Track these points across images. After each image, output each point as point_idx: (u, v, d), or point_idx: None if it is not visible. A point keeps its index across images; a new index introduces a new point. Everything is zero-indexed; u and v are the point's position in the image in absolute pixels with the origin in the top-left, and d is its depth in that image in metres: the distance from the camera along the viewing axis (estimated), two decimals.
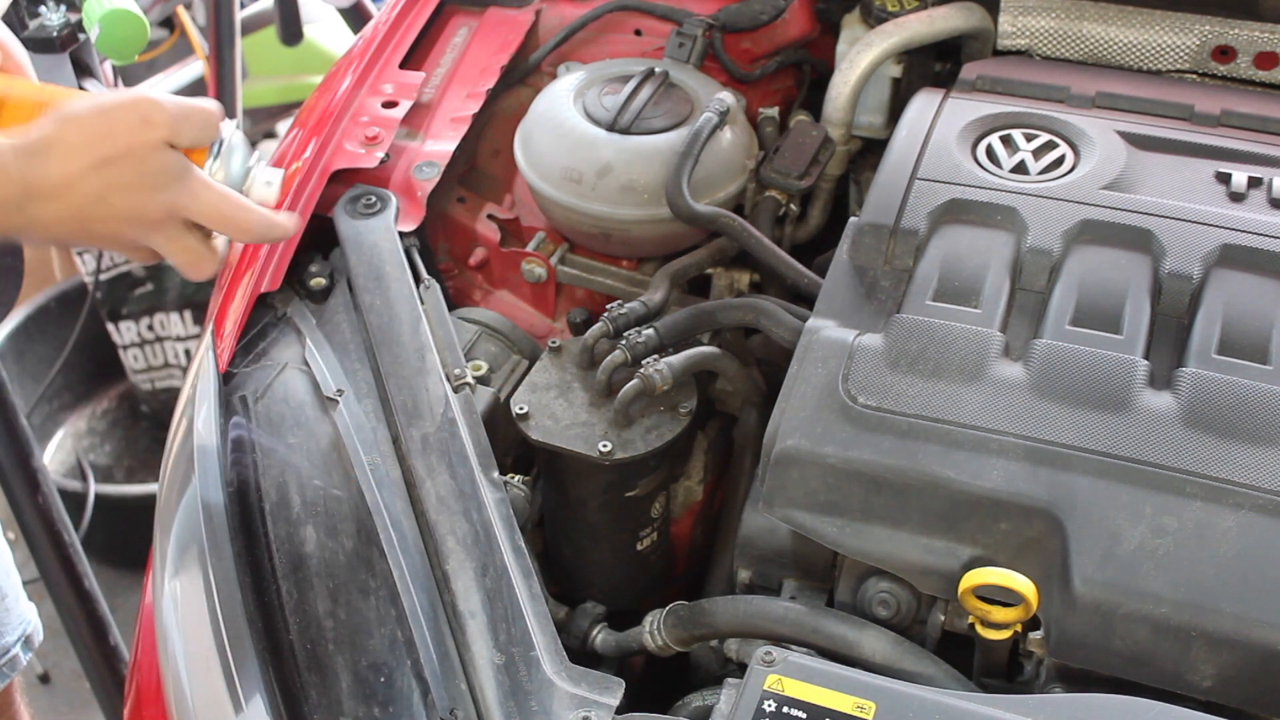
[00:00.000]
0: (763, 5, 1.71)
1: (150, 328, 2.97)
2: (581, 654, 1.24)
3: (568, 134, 1.50)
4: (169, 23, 3.17)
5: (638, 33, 1.76)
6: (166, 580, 1.13)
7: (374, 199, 1.41)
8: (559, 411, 1.28)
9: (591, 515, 1.33)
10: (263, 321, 1.34)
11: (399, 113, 1.53)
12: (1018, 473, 1.03)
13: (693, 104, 1.55)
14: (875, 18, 1.63)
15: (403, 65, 1.63)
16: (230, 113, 2.98)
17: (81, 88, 1.62)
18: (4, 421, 1.82)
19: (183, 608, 1.10)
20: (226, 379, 1.26)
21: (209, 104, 1.05)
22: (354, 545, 1.11)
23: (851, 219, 1.29)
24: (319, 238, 1.41)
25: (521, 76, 1.75)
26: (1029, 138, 1.36)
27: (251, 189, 1.09)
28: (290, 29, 2.90)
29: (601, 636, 1.28)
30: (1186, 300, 1.17)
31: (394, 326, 1.26)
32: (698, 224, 1.44)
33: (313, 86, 1.79)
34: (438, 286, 1.34)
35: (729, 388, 1.40)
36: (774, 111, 1.65)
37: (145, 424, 3.09)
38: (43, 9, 1.57)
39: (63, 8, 1.58)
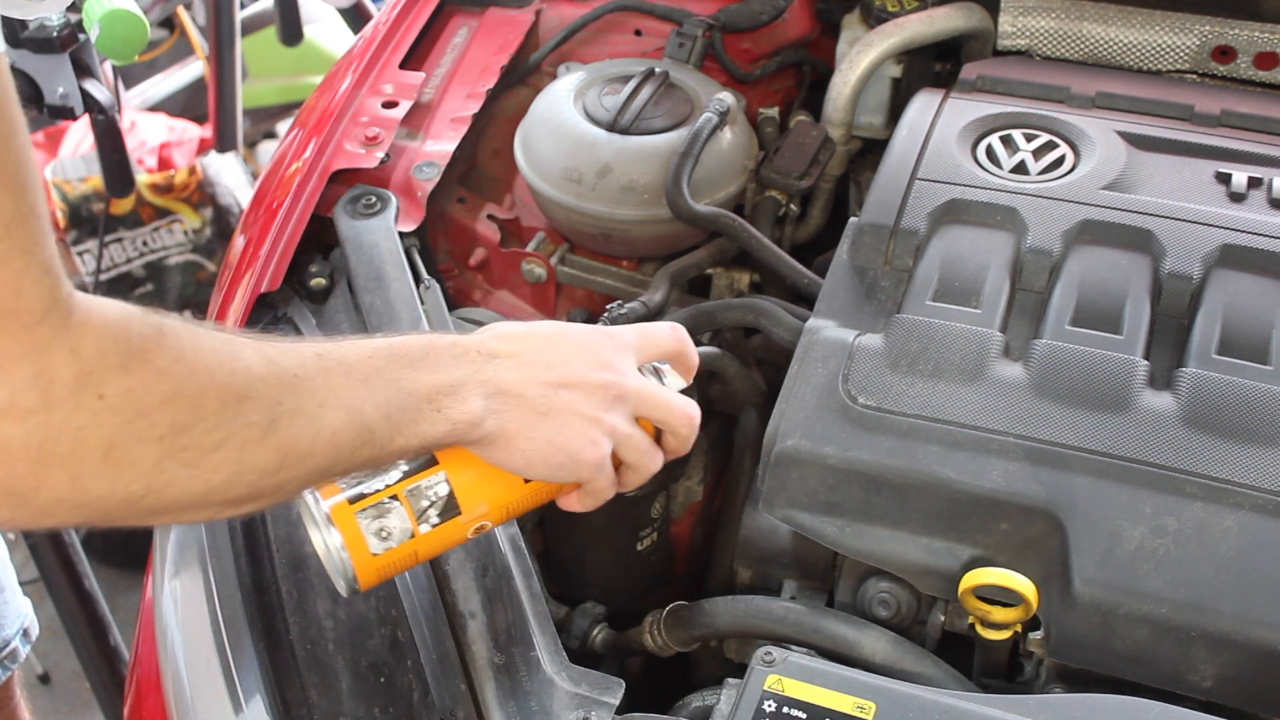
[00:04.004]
0: (763, 5, 1.71)
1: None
2: (581, 654, 1.24)
3: (568, 134, 1.50)
4: (169, 23, 3.18)
5: (638, 33, 1.76)
6: (166, 580, 1.13)
7: (374, 199, 1.41)
8: None
9: (591, 515, 1.32)
10: (263, 321, 1.34)
11: (399, 113, 1.53)
12: (1018, 473, 1.03)
13: (693, 104, 1.55)
14: (875, 18, 1.63)
15: (403, 65, 1.63)
16: (230, 113, 2.99)
17: (82, 88, 1.62)
18: None
19: (183, 608, 1.10)
20: None
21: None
22: None
23: (851, 219, 1.29)
24: (319, 238, 1.41)
25: (521, 76, 1.75)
26: (1029, 138, 1.36)
27: None
28: (290, 29, 2.90)
29: (601, 636, 1.28)
30: (1186, 300, 1.17)
31: (394, 327, 1.26)
32: (698, 224, 1.44)
33: (313, 86, 1.79)
34: (438, 287, 1.34)
35: (729, 388, 1.40)
36: (774, 111, 1.65)
37: None
38: None
39: (63, 8, 1.58)
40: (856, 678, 0.94)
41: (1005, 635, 1.04)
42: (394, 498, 0.90)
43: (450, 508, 0.92)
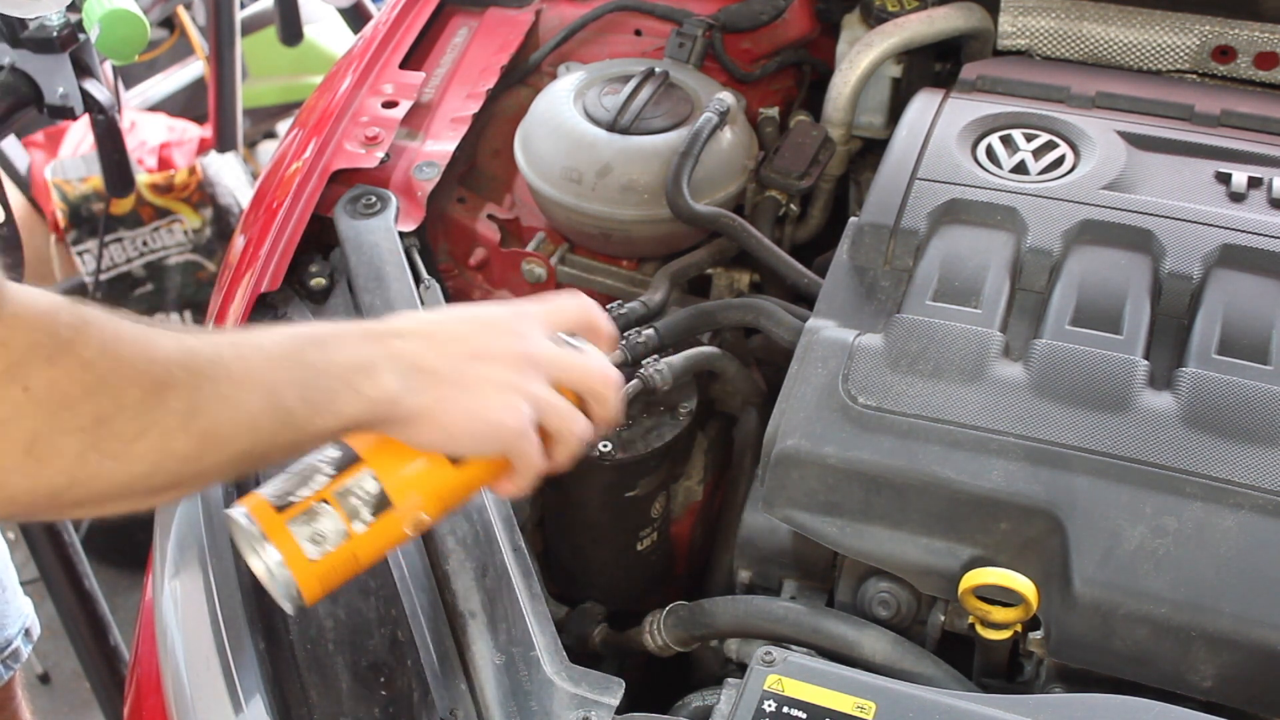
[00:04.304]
0: (763, 5, 1.71)
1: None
2: (581, 654, 1.24)
3: (568, 134, 1.50)
4: (169, 23, 3.18)
5: (638, 33, 1.76)
6: (166, 580, 1.13)
7: (374, 199, 1.41)
8: None
9: (591, 515, 1.33)
10: (263, 321, 1.34)
11: (399, 113, 1.53)
12: (1018, 473, 1.03)
13: (693, 104, 1.55)
14: (875, 18, 1.63)
15: (403, 65, 1.63)
16: (230, 113, 2.99)
17: (82, 88, 1.62)
18: None
19: (183, 608, 1.10)
20: None
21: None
22: None
23: (851, 219, 1.29)
24: (319, 238, 1.41)
25: (521, 76, 1.75)
26: (1029, 138, 1.36)
27: None
28: (290, 29, 2.90)
29: (601, 636, 1.28)
30: (1186, 300, 1.17)
31: None
32: (698, 224, 1.44)
33: (313, 86, 1.79)
34: (438, 286, 1.34)
35: (729, 388, 1.40)
36: (774, 111, 1.65)
37: None
38: None
39: (62, 8, 1.58)
40: (856, 678, 0.94)
41: (1005, 635, 1.04)
42: (323, 501, 0.89)
43: (382, 503, 0.90)
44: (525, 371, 0.93)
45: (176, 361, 0.76)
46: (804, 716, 0.91)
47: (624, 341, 1.29)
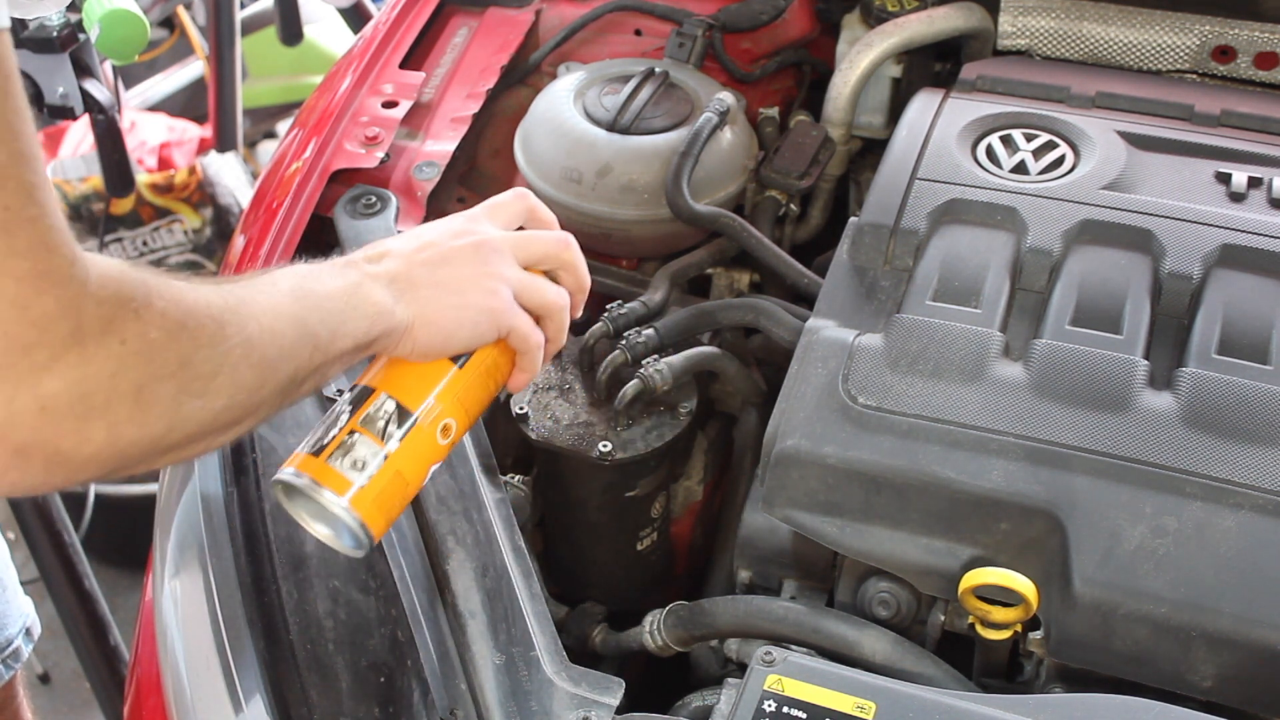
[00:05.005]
0: (763, 5, 1.71)
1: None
2: (581, 654, 1.24)
3: (568, 134, 1.50)
4: (169, 23, 3.17)
5: (638, 33, 1.76)
6: (166, 580, 1.13)
7: (374, 199, 1.41)
8: (559, 412, 1.28)
9: (591, 515, 1.33)
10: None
11: (399, 113, 1.53)
12: (1018, 473, 1.03)
13: (693, 104, 1.55)
14: (875, 18, 1.63)
15: (403, 65, 1.63)
16: (230, 113, 2.98)
17: (82, 88, 1.62)
18: None
19: (183, 608, 1.10)
20: None
21: None
22: None
23: (851, 219, 1.29)
24: (319, 238, 1.41)
25: (521, 76, 1.75)
26: (1029, 138, 1.36)
27: None
28: (290, 29, 2.90)
29: (601, 636, 1.28)
30: (1186, 300, 1.17)
31: None
32: (698, 224, 1.44)
33: (313, 86, 1.79)
34: None
35: (729, 388, 1.40)
36: (774, 111, 1.65)
37: None
38: None
39: (63, 8, 1.58)
40: (856, 678, 0.94)
41: (1005, 635, 1.04)
42: (353, 432, 0.94)
43: (404, 415, 0.95)
44: (490, 258, 1.00)
45: (223, 304, 0.82)
46: (804, 716, 0.91)
47: (624, 341, 1.29)
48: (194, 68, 3.39)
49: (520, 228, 1.07)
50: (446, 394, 0.98)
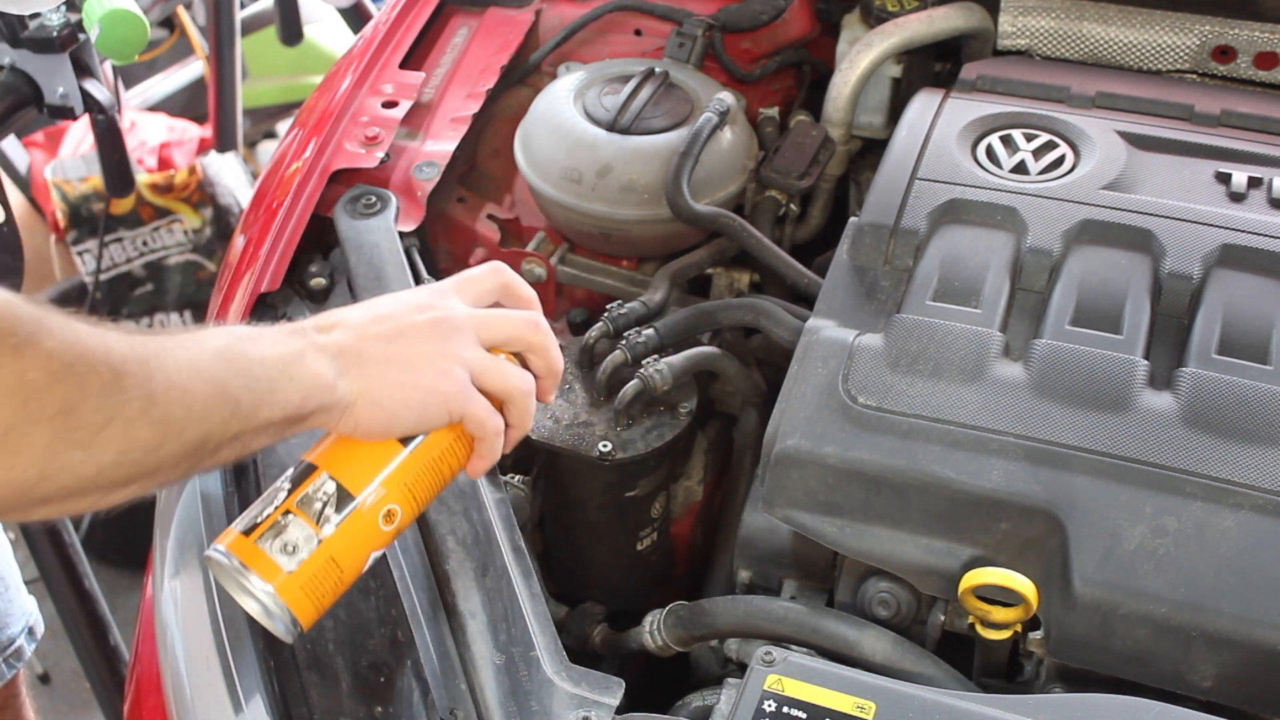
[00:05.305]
0: (763, 5, 1.71)
1: (150, 328, 2.97)
2: (581, 654, 1.24)
3: (568, 134, 1.50)
4: (169, 23, 3.17)
5: (638, 33, 1.76)
6: (166, 580, 1.13)
7: (374, 199, 1.41)
8: (559, 411, 1.28)
9: (591, 515, 1.33)
10: (263, 322, 1.34)
11: (399, 113, 1.53)
12: (1018, 473, 1.03)
13: (693, 104, 1.55)
14: (875, 18, 1.63)
15: (403, 65, 1.63)
16: (230, 113, 2.98)
17: (82, 88, 1.62)
18: None
19: (183, 608, 1.10)
20: None
21: None
22: None
23: (851, 219, 1.29)
24: (319, 238, 1.41)
25: (521, 76, 1.75)
26: (1029, 138, 1.36)
27: None
28: (290, 29, 2.90)
29: (601, 636, 1.28)
30: (1186, 300, 1.17)
31: None
32: (698, 224, 1.44)
33: (313, 86, 1.79)
34: None
35: (729, 388, 1.40)
36: (774, 111, 1.65)
37: None
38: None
39: (63, 8, 1.58)
40: (856, 678, 0.94)
41: (1005, 635, 1.04)
42: (287, 513, 0.90)
43: (344, 499, 0.91)
44: (450, 337, 0.94)
45: (129, 353, 0.78)
46: (804, 716, 0.91)
47: (624, 341, 1.29)
48: (194, 68, 3.39)
49: (498, 303, 1.02)
50: (394, 478, 0.93)
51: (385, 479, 0.93)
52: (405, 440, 0.94)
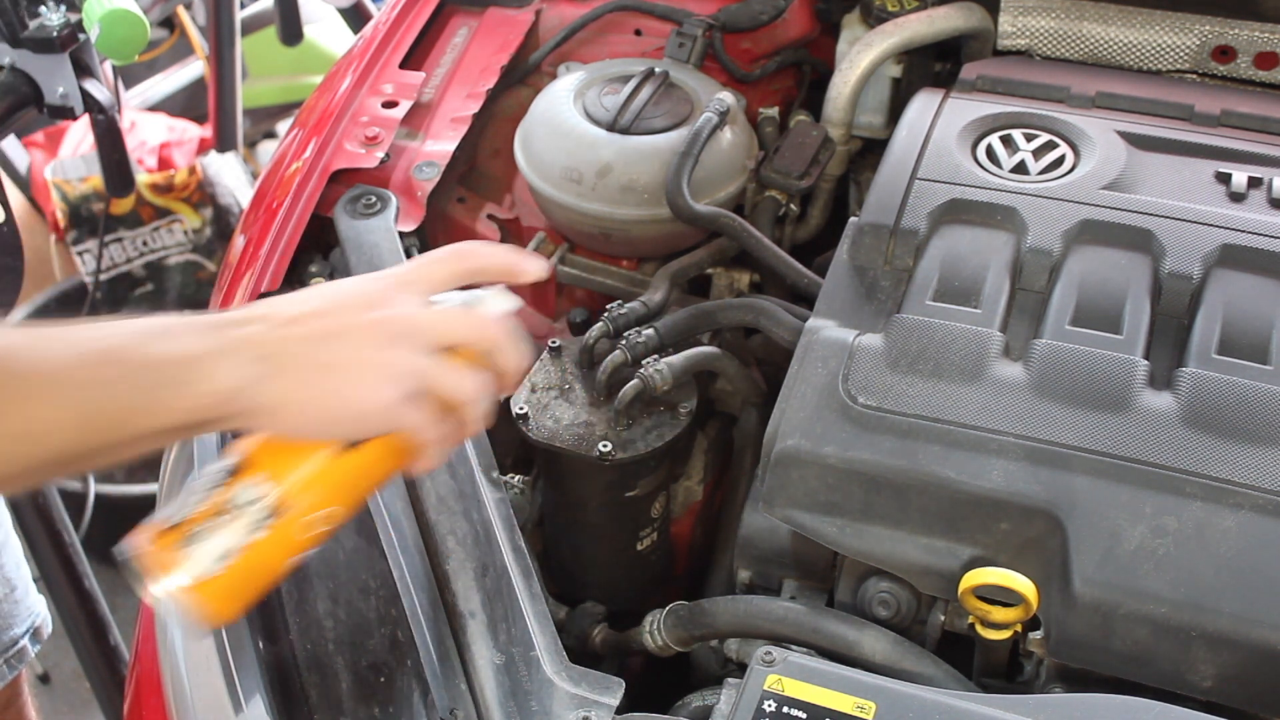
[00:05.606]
0: (763, 5, 1.71)
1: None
2: (581, 654, 1.24)
3: (568, 134, 1.50)
4: (169, 23, 3.17)
5: (638, 33, 1.76)
6: None
7: (374, 199, 1.41)
8: (559, 412, 1.28)
9: (591, 515, 1.33)
10: None
11: (399, 113, 1.53)
12: (1018, 473, 1.03)
13: (693, 104, 1.55)
14: (875, 18, 1.63)
15: (403, 65, 1.63)
16: (230, 113, 2.98)
17: (82, 88, 1.62)
18: None
19: None
20: None
21: None
22: (354, 545, 1.11)
23: (851, 219, 1.29)
24: (319, 238, 1.41)
25: (521, 76, 1.75)
26: (1029, 138, 1.36)
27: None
28: (290, 29, 2.90)
29: (601, 636, 1.28)
30: (1186, 300, 1.17)
31: None
32: (698, 224, 1.44)
33: (313, 86, 1.79)
34: None
35: (729, 388, 1.40)
36: (774, 111, 1.65)
37: None
38: (43, 9, 1.57)
39: (63, 8, 1.58)
40: (856, 678, 0.94)
41: (1005, 635, 1.04)
42: (209, 514, 0.84)
43: (266, 499, 0.85)
44: (395, 344, 0.85)
45: None
46: (804, 716, 0.91)
47: (624, 341, 1.29)
48: (194, 68, 3.39)
49: (469, 286, 0.93)
50: (321, 479, 0.87)
51: (313, 479, 0.87)
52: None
